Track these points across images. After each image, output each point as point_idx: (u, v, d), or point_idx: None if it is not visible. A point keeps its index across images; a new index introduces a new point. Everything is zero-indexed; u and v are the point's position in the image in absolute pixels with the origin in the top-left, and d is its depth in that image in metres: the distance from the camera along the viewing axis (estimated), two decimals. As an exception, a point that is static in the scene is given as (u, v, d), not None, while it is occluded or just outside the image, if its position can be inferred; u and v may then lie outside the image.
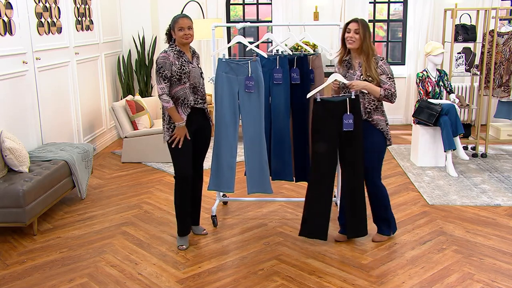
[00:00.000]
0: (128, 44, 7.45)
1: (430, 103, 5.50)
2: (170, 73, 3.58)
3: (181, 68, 3.60)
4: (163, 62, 3.57)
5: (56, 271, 3.50)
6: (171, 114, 3.61)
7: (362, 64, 3.61)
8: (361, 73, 3.61)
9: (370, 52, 3.58)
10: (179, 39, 3.62)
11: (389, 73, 3.61)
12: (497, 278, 3.32)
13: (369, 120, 3.65)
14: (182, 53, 3.64)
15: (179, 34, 3.60)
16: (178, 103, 3.65)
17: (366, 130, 3.64)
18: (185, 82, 3.63)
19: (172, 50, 3.62)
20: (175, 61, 3.58)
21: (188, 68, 3.63)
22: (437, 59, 5.60)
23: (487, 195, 4.80)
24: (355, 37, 3.56)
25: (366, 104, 3.63)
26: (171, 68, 3.57)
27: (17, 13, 4.74)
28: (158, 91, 3.60)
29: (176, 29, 3.61)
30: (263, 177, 3.96)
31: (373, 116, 3.65)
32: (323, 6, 7.67)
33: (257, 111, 3.88)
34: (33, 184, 4.00)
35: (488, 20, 5.86)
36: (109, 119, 6.96)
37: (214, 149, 3.92)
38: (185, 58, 3.63)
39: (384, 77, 3.59)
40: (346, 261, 3.58)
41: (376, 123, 3.65)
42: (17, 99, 4.75)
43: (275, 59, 4.04)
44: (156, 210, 4.61)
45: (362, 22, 3.56)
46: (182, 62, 3.61)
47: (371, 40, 3.59)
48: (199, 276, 3.41)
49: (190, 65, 3.66)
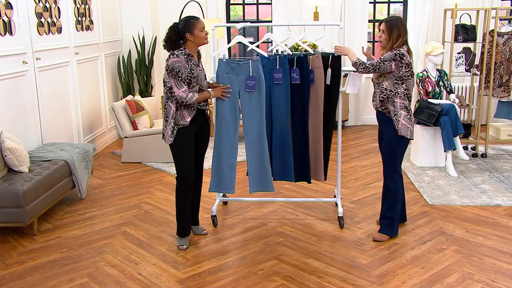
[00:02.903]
0: (128, 44, 7.45)
1: (430, 103, 5.50)
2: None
3: (191, 72, 3.58)
4: (179, 66, 3.52)
5: (56, 271, 3.50)
6: (201, 98, 3.66)
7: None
8: None
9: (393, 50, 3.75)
10: (199, 40, 3.59)
11: (385, 58, 3.70)
12: (497, 278, 3.32)
13: (383, 111, 3.81)
14: (191, 56, 3.61)
15: (201, 35, 3.58)
16: (184, 106, 3.64)
17: (383, 122, 3.86)
18: (194, 86, 3.62)
19: (182, 54, 3.57)
20: (186, 65, 3.56)
21: (197, 72, 3.62)
22: (437, 59, 5.60)
23: (487, 195, 4.80)
24: (383, 37, 3.78)
25: (378, 93, 3.81)
26: (185, 72, 3.56)
27: (17, 13, 4.74)
28: (181, 95, 3.53)
29: (197, 30, 3.56)
30: (264, 175, 3.97)
31: (387, 105, 3.78)
32: (323, 6, 7.66)
33: (258, 111, 3.88)
34: (33, 184, 4.00)
35: (488, 20, 5.86)
36: (109, 119, 6.96)
37: (215, 150, 3.92)
38: (193, 62, 3.62)
39: (379, 59, 3.75)
40: (346, 261, 3.58)
41: (389, 111, 3.79)
42: (17, 99, 4.75)
43: (275, 59, 4.04)
44: (156, 210, 4.61)
45: (389, 24, 3.74)
46: (191, 66, 3.59)
47: (399, 40, 3.73)
48: (199, 276, 3.41)
49: (198, 68, 3.65)
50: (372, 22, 8.09)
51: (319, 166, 4.21)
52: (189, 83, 3.58)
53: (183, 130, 3.65)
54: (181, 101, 3.57)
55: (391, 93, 3.74)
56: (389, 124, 3.78)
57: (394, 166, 3.84)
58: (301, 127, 4.15)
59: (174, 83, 3.53)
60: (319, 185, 5.08)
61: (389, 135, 3.80)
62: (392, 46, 3.72)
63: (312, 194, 4.93)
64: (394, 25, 3.72)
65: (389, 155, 3.84)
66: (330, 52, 4.08)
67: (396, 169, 3.85)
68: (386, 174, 3.89)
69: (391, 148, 3.81)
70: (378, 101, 3.81)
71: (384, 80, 3.77)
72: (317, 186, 5.07)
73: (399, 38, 3.71)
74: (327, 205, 4.63)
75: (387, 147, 3.84)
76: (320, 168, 4.22)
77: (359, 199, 4.78)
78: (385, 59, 3.68)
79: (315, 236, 4.00)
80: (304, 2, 7.71)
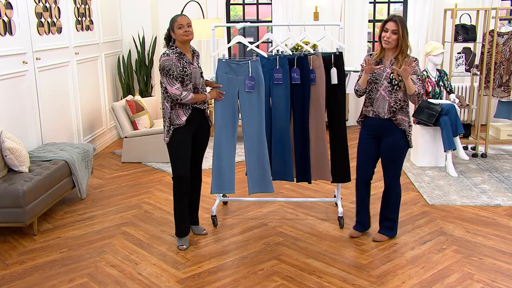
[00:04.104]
0: (128, 44, 7.45)
1: (430, 103, 5.50)
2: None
3: (183, 70, 3.58)
4: (169, 64, 3.54)
5: (56, 271, 3.50)
6: (197, 98, 3.64)
7: (396, 62, 3.58)
8: (391, 71, 3.60)
9: (406, 51, 3.57)
10: (179, 37, 3.59)
11: (420, 75, 3.62)
12: (497, 278, 3.32)
13: (392, 119, 3.65)
14: (183, 54, 3.62)
15: (179, 32, 3.58)
16: (179, 104, 3.64)
17: (388, 129, 3.67)
18: (187, 84, 3.62)
19: (173, 52, 3.59)
20: (177, 63, 3.57)
21: (190, 70, 3.62)
22: (437, 59, 5.60)
23: (487, 195, 4.80)
24: (392, 38, 3.53)
25: (392, 103, 3.62)
26: (176, 70, 3.57)
27: (17, 13, 4.74)
28: (174, 92, 3.53)
29: (175, 28, 3.59)
30: (264, 176, 3.96)
31: (397, 115, 3.64)
32: (323, 6, 7.66)
33: (258, 111, 3.88)
34: (33, 184, 4.00)
35: (488, 20, 5.86)
36: (109, 119, 6.96)
37: (215, 150, 3.92)
38: (186, 60, 3.62)
39: (415, 78, 3.58)
40: (346, 261, 3.58)
41: (398, 123, 3.65)
42: (17, 99, 4.75)
43: (275, 59, 4.04)
44: (156, 210, 4.61)
45: (401, 22, 3.53)
46: (183, 64, 3.59)
47: (408, 39, 3.58)
48: (199, 276, 3.41)
49: (191, 66, 3.65)
50: (372, 22, 8.09)
51: (325, 166, 4.17)
52: (182, 81, 3.59)
53: (179, 130, 3.66)
54: (175, 98, 3.57)
55: (404, 103, 3.65)
56: (397, 133, 3.67)
57: (400, 172, 3.83)
58: (302, 127, 4.15)
59: (167, 81, 3.55)
60: (319, 185, 5.08)
61: (398, 144, 3.69)
62: (406, 46, 3.55)
63: (312, 194, 4.93)
64: (403, 23, 3.54)
65: (398, 163, 3.76)
66: (331, 52, 4.08)
67: (400, 174, 3.84)
68: (393, 179, 3.81)
69: (400, 157, 3.75)
70: (387, 110, 3.63)
71: (399, 90, 3.61)
72: (317, 186, 5.07)
73: (408, 35, 3.56)
74: (327, 205, 4.63)
75: (396, 155, 3.73)
76: (326, 168, 4.18)
77: (359, 199, 4.78)
78: (421, 76, 3.59)
79: (315, 236, 4.00)
80: (304, 2, 7.71)
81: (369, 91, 3.70)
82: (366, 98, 3.75)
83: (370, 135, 3.76)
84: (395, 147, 3.71)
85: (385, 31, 3.57)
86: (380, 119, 3.68)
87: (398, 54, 3.58)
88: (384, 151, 3.76)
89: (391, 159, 3.75)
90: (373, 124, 3.73)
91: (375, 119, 3.70)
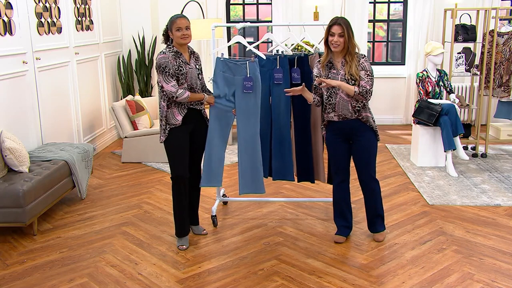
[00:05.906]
0: (128, 44, 7.45)
1: (430, 103, 5.50)
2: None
3: (178, 69, 3.59)
4: (165, 61, 3.55)
5: (56, 271, 3.50)
6: (193, 98, 3.63)
7: (346, 64, 3.61)
8: (345, 72, 3.61)
9: (353, 52, 3.59)
10: (177, 40, 3.60)
11: (369, 70, 3.62)
12: (497, 278, 3.32)
13: (359, 118, 3.68)
14: (180, 54, 3.63)
15: (177, 35, 3.58)
16: (175, 104, 3.64)
17: (359, 128, 3.69)
18: (183, 83, 3.63)
19: (170, 51, 3.60)
20: (173, 62, 3.58)
21: (185, 69, 3.62)
22: (437, 59, 5.60)
23: (487, 195, 4.80)
24: (340, 41, 3.54)
25: (353, 103, 3.63)
26: (172, 68, 3.57)
27: (17, 13, 4.74)
28: (170, 89, 3.53)
29: (173, 30, 3.59)
30: (255, 177, 3.95)
31: (362, 113, 3.67)
32: (323, 6, 7.67)
33: (253, 112, 3.87)
34: (33, 184, 4.00)
35: (488, 20, 5.86)
36: (109, 119, 6.96)
37: (207, 145, 3.88)
38: (182, 59, 3.62)
39: (363, 73, 3.59)
40: (346, 261, 3.59)
41: (365, 120, 3.69)
42: (17, 99, 4.75)
43: (275, 59, 4.04)
44: (156, 210, 4.61)
45: (345, 23, 3.54)
46: (179, 63, 3.60)
47: (354, 38, 3.59)
48: (199, 276, 3.41)
49: (187, 66, 3.65)
50: (372, 22, 8.09)
51: (319, 167, 4.21)
52: (177, 80, 3.59)
53: (176, 130, 3.66)
54: (171, 96, 3.57)
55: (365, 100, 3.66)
56: (367, 130, 3.70)
57: (375, 167, 3.83)
58: (303, 127, 4.15)
59: (162, 79, 3.55)
60: (319, 185, 5.08)
61: (370, 141, 3.72)
62: (353, 46, 3.55)
63: (312, 194, 4.93)
64: (348, 24, 3.54)
65: (373, 159, 3.78)
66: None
67: (375, 169, 3.84)
68: (371, 177, 3.79)
69: (374, 153, 3.77)
70: (352, 110, 3.62)
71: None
72: (317, 186, 5.06)
73: (354, 35, 3.58)
74: (327, 205, 4.63)
75: (369, 152, 3.75)
76: (321, 169, 4.22)
77: (359, 199, 4.77)
78: (371, 72, 3.60)
79: (315, 236, 4.00)
80: (304, 2, 7.71)
81: (328, 97, 3.69)
82: (326, 104, 3.72)
83: (340, 138, 3.76)
84: (369, 147, 3.74)
85: (332, 35, 3.56)
86: (347, 120, 3.67)
87: (346, 55, 3.60)
88: (358, 153, 3.75)
89: (367, 160, 3.76)
90: (341, 127, 3.72)
91: (342, 122, 3.69)
